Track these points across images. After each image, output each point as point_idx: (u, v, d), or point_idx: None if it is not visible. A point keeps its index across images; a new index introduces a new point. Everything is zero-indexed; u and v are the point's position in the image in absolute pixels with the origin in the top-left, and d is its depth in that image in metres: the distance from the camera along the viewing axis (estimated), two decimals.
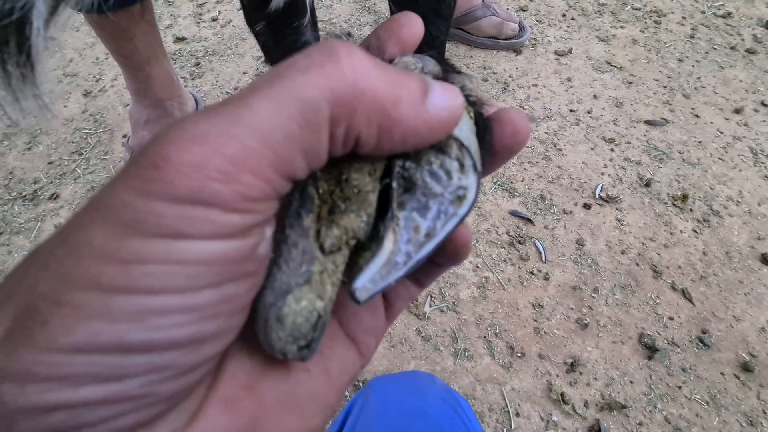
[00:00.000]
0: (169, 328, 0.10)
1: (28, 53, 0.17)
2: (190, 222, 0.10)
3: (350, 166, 0.12)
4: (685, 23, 1.27)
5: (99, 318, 0.09)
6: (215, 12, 1.27)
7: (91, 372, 0.10)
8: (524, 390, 0.68)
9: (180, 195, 0.10)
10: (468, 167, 0.13)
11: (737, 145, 0.99)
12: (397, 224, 0.12)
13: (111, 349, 0.09)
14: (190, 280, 0.10)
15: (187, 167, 0.10)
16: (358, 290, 0.12)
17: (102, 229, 0.10)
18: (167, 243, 0.10)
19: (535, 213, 0.87)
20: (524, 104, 1.05)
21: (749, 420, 0.66)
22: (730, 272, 0.80)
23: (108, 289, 0.09)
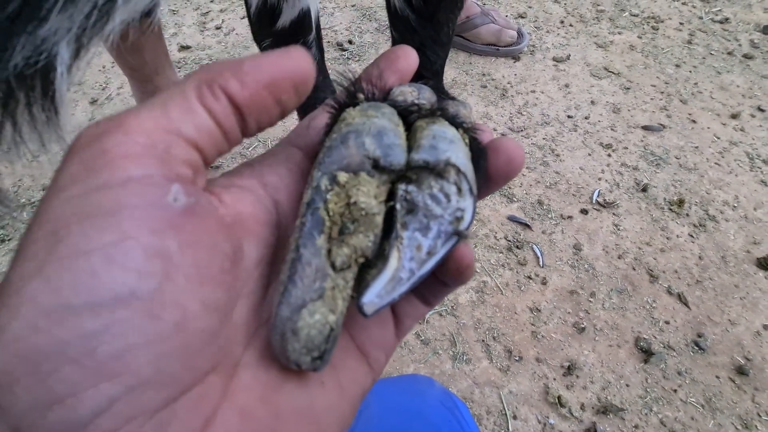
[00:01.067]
0: (103, 287, 0.10)
1: (53, 97, 0.19)
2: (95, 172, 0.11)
3: (358, 191, 0.13)
4: (683, 29, 1.29)
5: (39, 291, 0.10)
6: (219, 20, 1.29)
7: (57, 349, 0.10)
8: (522, 393, 0.69)
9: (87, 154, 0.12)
10: (465, 191, 0.14)
11: (734, 150, 1.00)
12: (400, 243, 0.13)
13: (59, 318, 0.10)
14: (104, 231, 0.11)
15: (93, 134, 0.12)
16: (365, 305, 0.13)
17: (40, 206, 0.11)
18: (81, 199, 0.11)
19: (533, 218, 0.88)
20: (522, 110, 1.06)
21: (744, 423, 0.67)
22: (725, 276, 0.81)
23: (41, 260, 0.10)
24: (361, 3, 1.33)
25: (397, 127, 0.14)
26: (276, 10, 0.48)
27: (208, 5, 1.34)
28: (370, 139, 0.13)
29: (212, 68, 0.13)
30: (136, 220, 0.11)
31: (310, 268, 0.13)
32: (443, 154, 0.14)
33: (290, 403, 0.13)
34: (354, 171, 0.13)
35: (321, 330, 0.13)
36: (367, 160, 0.13)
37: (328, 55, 1.19)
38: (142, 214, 0.11)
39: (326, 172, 0.13)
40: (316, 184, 0.14)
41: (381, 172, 0.14)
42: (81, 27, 0.18)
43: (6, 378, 0.10)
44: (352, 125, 0.14)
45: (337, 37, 1.23)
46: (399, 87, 0.16)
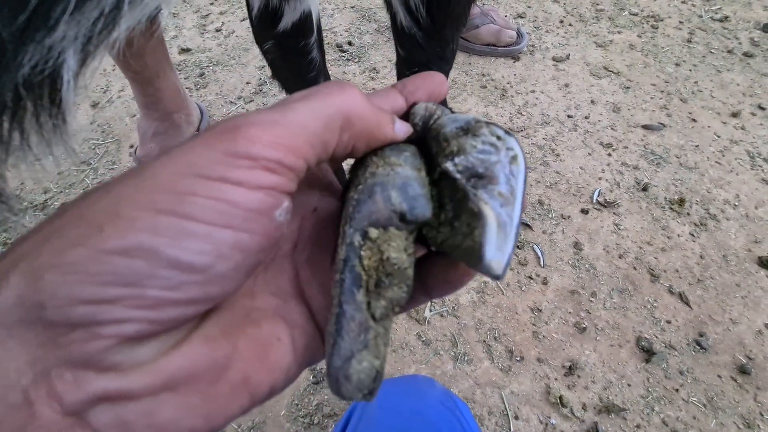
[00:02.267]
0: (192, 252, 0.12)
1: (60, 105, 0.19)
2: (235, 170, 0.13)
3: (389, 246, 0.14)
4: (683, 27, 1.29)
5: (146, 231, 0.12)
6: (219, 23, 1.29)
7: (124, 274, 0.12)
8: (523, 393, 0.69)
9: (236, 151, 0.13)
10: (503, 134, 0.15)
11: (734, 148, 1.00)
12: (483, 199, 0.14)
13: (147, 255, 0.12)
14: (219, 215, 0.13)
15: (248, 135, 0.13)
16: (492, 261, 0.13)
17: (166, 169, 0.13)
18: (213, 184, 0.13)
19: (534, 218, 0.88)
20: (522, 110, 1.06)
21: (746, 422, 0.66)
22: (727, 275, 0.81)
23: (158, 211, 0.12)
24: (360, 4, 1.34)
25: (419, 173, 0.15)
26: (278, 13, 0.48)
27: (208, 8, 1.34)
28: (396, 192, 0.14)
29: (362, 115, 0.16)
30: (244, 219, 0.13)
31: (354, 323, 0.14)
32: (468, 118, 0.15)
33: (249, 345, 0.15)
34: (383, 226, 0.14)
35: (369, 374, 0.14)
36: (394, 214, 0.14)
37: (328, 56, 1.19)
38: (251, 216, 0.13)
39: (358, 228, 0.15)
40: (349, 241, 0.15)
41: (407, 224, 0.15)
42: (88, 35, 0.18)
43: (69, 267, 0.12)
44: (377, 176, 0.15)
45: (337, 38, 1.24)
46: (422, 103, 0.18)
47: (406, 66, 0.53)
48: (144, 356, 0.13)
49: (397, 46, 0.52)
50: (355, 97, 0.15)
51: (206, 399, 0.14)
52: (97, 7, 0.17)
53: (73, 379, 0.12)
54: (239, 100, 1.10)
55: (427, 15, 0.44)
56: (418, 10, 0.43)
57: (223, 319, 0.15)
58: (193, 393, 0.13)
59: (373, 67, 1.16)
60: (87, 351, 0.12)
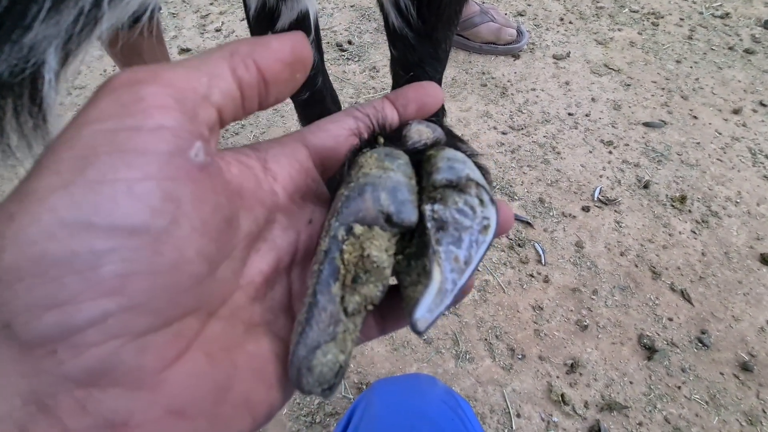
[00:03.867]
0: (123, 213, 0.11)
1: (41, 104, 0.19)
2: (129, 117, 0.12)
3: (371, 244, 0.15)
4: (683, 24, 1.28)
5: (62, 203, 0.11)
6: (218, 23, 1.29)
7: (66, 259, 0.10)
8: (525, 391, 0.69)
9: (122, 96, 0.12)
10: (487, 201, 0.15)
11: (736, 145, 1.00)
12: (439, 257, 0.14)
13: (78, 231, 0.11)
14: (130, 168, 0.11)
15: (135, 79, 0.13)
16: (418, 320, 0.14)
17: (63, 135, 0.12)
18: (112, 135, 0.12)
19: (535, 216, 0.88)
20: (523, 108, 1.06)
21: (749, 419, 0.66)
22: (729, 272, 0.81)
23: (66, 181, 0.11)
24: (360, 3, 1.34)
25: (410, 180, 0.15)
26: (275, 13, 0.48)
27: (208, 8, 1.34)
28: (386, 194, 0.15)
29: (245, 42, 0.15)
30: (160, 165, 0.12)
31: (325, 314, 0.14)
32: (462, 172, 0.15)
33: (248, 362, 0.15)
34: (369, 224, 0.15)
35: (332, 368, 0.14)
36: (381, 214, 0.15)
37: (328, 55, 1.19)
38: (166, 160, 0.12)
39: (343, 222, 0.15)
40: (333, 234, 0.15)
41: (392, 226, 0.15)
42: (68, 34, 0.18)
43: (11, 275, 0.10)
44: (369, 177, 0.15)
45: (337, 37, 1.24)
46: (416, 125, 0.17)
47: (400, 66, 0.53)
48: (148, 363, 0.12)
49: (390, 46, 0.52)
50: (244, 41, 0.15)
51: (212, 423, 0.13)
52: (75, 6, 0.17)
53: (76, 402, 0.11)
54: None
55: (417, 16, 0.44)
56: (409, 11, 0.43)
57: (223, 333, 0.14)
58: (199, 416, 0.13)
59: (373, 66, 1.15)
60: (83, 365, 0.11)
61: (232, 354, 0.14)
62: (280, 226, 0.17)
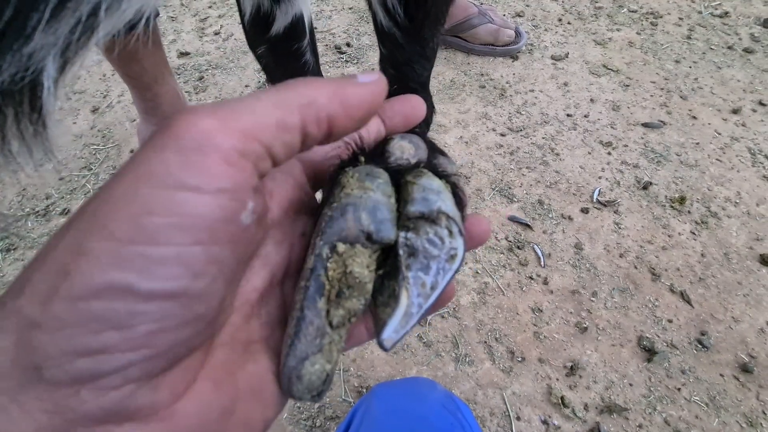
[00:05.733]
0: (167, 279, 0.12)
1: (40, 111, 0.19)
2: (189, 170, 0.12)
3: (353, 261, 0.16)
4: (682, 24, 1.28)
5: (112, 266, 0.11)
6: (217, 26, 1.30)
7: (108, 317, 0.11)
8: (525, 394, 0.69)
9: (186, 145, 0.12)
10: (455, 233, 0.16)
11: (735, 145, 0.99)
12: (408, 282, 0.16)
13: (122, 295, 0.11)
14: (183, 233, 0.12)
15: (195, 125, 0.13)
16: (385, 340, 0.16)
17: (120, 187, 0.12)
18: (170, 196, 0.12)
19: (534, 218, 0.88)
20: (521, 110, 1.06)
21: (749, 421, 0.66)
22: (728, 273, 0.81)
23: (120, 241, 0.12)
24: (358, 5, 1.34)
25: (389, 199, 0.16)
26: (270, 17, 0.48)
27: (207, 11, 1.34)
28: (366, 213, 0.16)
29: (325, 89, 0.15)
30: (210, 231, 0.12)
31: (312, 327, 0.15)
32: (434, 204, 0.16)
33: (247, 381, 0.15)
34: (351, 242, 0.16)
35: (319, 376, 0.15)
36: (362, 233, 0.15)
37: (327, 58, 1.19)
38: (218, 226, 0.13)
39: (327, 242, 0.16)
40: (318, 252, 0.16)
41: (373, 243, 0.16)
42: (66, 42, 0.18)
43: (55, 323, 0.11)
44: (351, 197, 0.16)
45: (335, 39, 1.24)
46: (399, 140, 0.18)
47: (389, 64, 0.53)
48: (160, 399, 0.13)
49: (379, 44, 0.52)
50: (312, 80, 0.15)
51: None
52: (73, 15, 0.17)
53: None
54: None
55: (404, 15, 0.45)
56: (396, 11, 0.44)
57: (225, 359, 0.15)
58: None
59: (372, 68, 1.15)
60: (103, 405, 0.12)
61: (235, 377, 0.15)
62: (273, 241, 0.17)
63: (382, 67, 0.56)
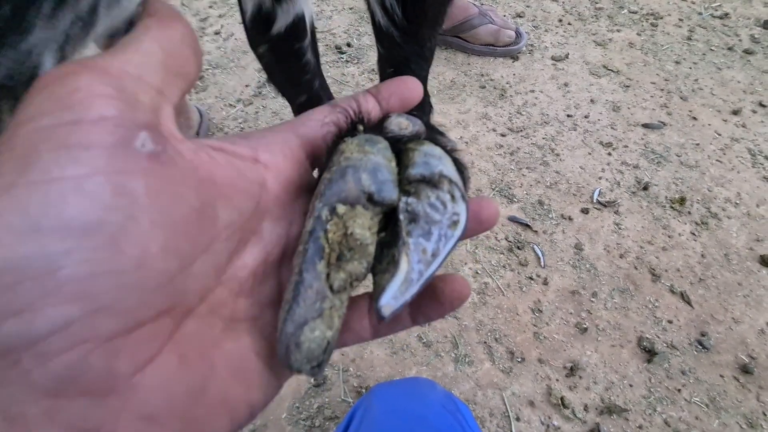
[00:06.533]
0: (74, 212, 0.10)
1: None
2: (68, 110, 0.11)
3: (354, 223, 0.15)
4: (682, 25, 1.28)
5: (6, 206, 0.10)
6: (218, 26, 1.30)
7: (20, 264, 0.10)
8: (524, 395, 0.69)
9: (55, 91, 0.11)
10: (458, 198, 0.15)
11: (735, 146, 0.99)
12: (408, 248, 0.15)
13: (28, 235, 0.10)
14: (77, 163, 0.11)
15: (67, 71, 0.12)
16: (383, 307, 0.15)
17: (4, 135, 0.11)
18: (53, 131, 0.11)
19: (534, 218, 0.88)
20: (522, 110, 1.06)
21: (749, 422, 0.66)
22: (728, 274, 0.81)
23: (8, 177, 0.10)
24: (358, 5, 1.34)
25: (390, 162, 0.16)
26: (271, 16, 0.48)
27: (207, 11, 1.34)
28: (366, 174, 0.15)
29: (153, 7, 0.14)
30: (107, 158, 0.11)
31: (312, 291, 0.14)
32: (436, 168, 0.15)
33: (224, 360, 0.14)
34: (351, 203, 0.15)
35: (320, 344, 0.14)
36: (362, 194, 0.15)
37: (327, 58, 1.19)
38: (112, 153, 0.11)
39: (327, 203, 0.15)
40: (317, 214, 0.15)
41: (374, 205, 0.15)
42: (64, 38, 0.18)
43: None
44: (351, 160, 0.15)
45: (336, 39, 1.24)
46: (396, 117, 0.18)
47: (387, 63, 0.53)
48: (119, 369, 0.11)
49: (377, 43, 0.52)
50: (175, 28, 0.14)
51: (186, 425, 0.13)
52: (73, 11, 0.17)
53: (44, 413, 0.10)
54: (238, 103, 1.10)
55: (402, 15, 0.45)
56: (394, 10, 0.44)
57: (198, 333, 0.14)
58: (172, 420, 0.12)
59: (372, 68, 1.15)
60: (51, 373, 0.10)
61: (208, 354, 0.14)
62: (272, 218, 0.17)
63: (380, 67, 0.56)
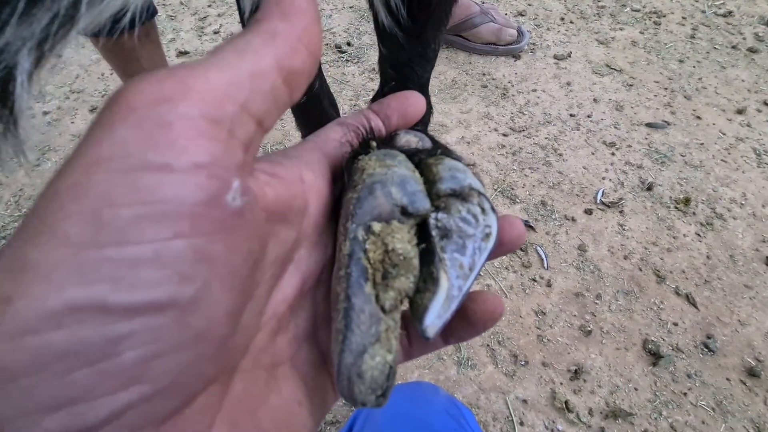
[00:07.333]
0: (147, 286, 0.09)
1: (12, 108, 0.17)
2: (156, 147, 0.09)
3: (393, 238, 0.14)
4: (686, 23, 1.27)
5: (70, 280, 0.09)
6: (217, 25, 1.29)
7: (77, 350, 0.09)
8: (528, 398, 0.68)
9: (144, 118, 0.10)
10: (488, 209, 0.15)
11: (740, 146, 0.98)
12: (445, 265, 0.15)
13: (92, 316, 0.09)
14: (158, 225, 0.09)
15: (161, 93, 0.10)
16: (428, 327, 0.14)
17: (66, 176, 0.09)
18: (134, 179, 0.09)
19: (537, 219, 0.87)
20: (524, 110, 1.05)
21: (756, 426, 0.65)
22: (734, 276, 0.80)
23: (76, 246, 0.09)
24: (358, 4, 1.33)
25: (414, 173, 0.16)
26: None
27: (206, 10, 1.33)
28: (396, 188, 0.15)
29: (279, 18, 0.13)
30: (192, 219, 0.10)
31: (364, 315, 0.14)
32: (465, 181, 0.15)
33: (271, 418, 0.14)
34: (386, 220, 0.15)
35: (382, 370, 0.14)
36: (396, 208, 0.15)
37: (327, 57, 1.18)
38: (200, 212, 0.10)
39: (360, 223, 0.15)
40: (353, 236, 0.14)
41: (408, 218, 0.15)
42: (42, 35, 0.17)
43: (4, 374, 0.08)
44: (375, 176, 0.15)
45: (336, 39, 1.23)
46: (404, 135, 0.18)
47: (389, 64, 0.52)
48: None
49: (379, 44, 0.51)
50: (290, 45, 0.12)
51: None
52: (50, 9, 0.16)
53: None
54: None
55: (407, 16, 0.44)
56: (399, 11, 0.43)
57: (245, 393, 0.13)
58: None
59: (372, 67, 1.14)
60: None
61: (257, 414, 0.13)
62: (309, 244, 0.16)
63: (381, 68, 0.56)
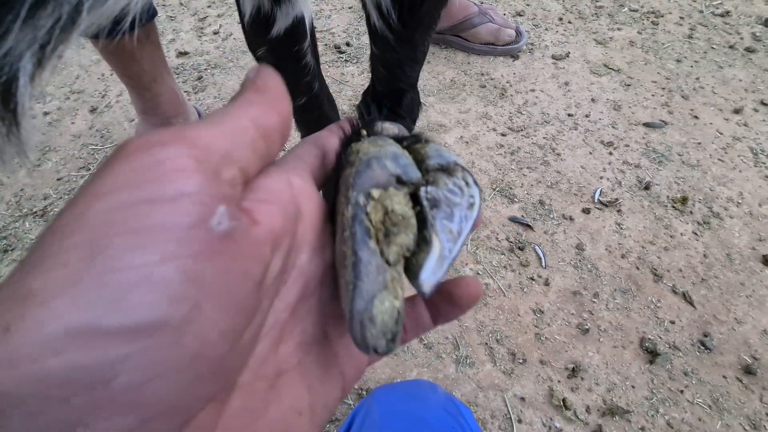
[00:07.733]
0: (140, 308, 0.09)
1: (14, 110, 0.18)
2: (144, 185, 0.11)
3: (392, 201, 0.16)
4: (683, 23, 1.27)
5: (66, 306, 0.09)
6: (216, 26, 1.29)
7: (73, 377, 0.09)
8: (526, 396, 0.69)
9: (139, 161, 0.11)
10: (471, 183, 0.17)
11: (737, 145, 0.99)
12: (436, 229, 0.17)
13: (87, 340, 0.09)
14: (148, 249, 0.10)
15: (146, 142, 0.11)
16: (424, 283, 0.16)
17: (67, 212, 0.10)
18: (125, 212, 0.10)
19: (535, 219, 0.87)
20: (522, 109, 1.06)
21: (752, 423, 0.66)
22: (731, 274, 0.80)
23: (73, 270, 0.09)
24: (357, 5, 1.33)
25: (403, 151, 0.18)
26: (270, 18, 0.47)
27: (206, 10, 1.34)
28: (389, 161, 0.17)
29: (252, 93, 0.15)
30: (178, 242, 0.10)
31: (371, 266, 0.15)
32: (450, 158, 0.18)
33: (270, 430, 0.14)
34: (383, 187, 0.16)
35: (392, 314, 0.15)
36: (391, 177, 0.16)
37: (326, 57, 1.19)
38: (186, 235, 0.10)
39: (360, 190, 0.16)
40: (354, 201, 0.16)
41: (403, 185, 0.17)
42: (45, 38, 0.17)
43: (4, 401, 0.09)
44: (370, 153, 0.17)
45: (335, 39, 1.23)
46: (383, 123, 0.20)
47: (380, 63, 0.54)
48: None
49: (371, 43, 0.53)
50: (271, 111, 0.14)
51: None
52: (53, 13, 0.16)
53: None
54: None
55: (398, 20, 0.45)
56: (390, 15, 0.44)
57: (243, 409, 0.13)
58: None
59: None
60: None
61: (253, 429, 0.13)
62: (309, 248, 0.16)
63: (372, 66, 0.57)
